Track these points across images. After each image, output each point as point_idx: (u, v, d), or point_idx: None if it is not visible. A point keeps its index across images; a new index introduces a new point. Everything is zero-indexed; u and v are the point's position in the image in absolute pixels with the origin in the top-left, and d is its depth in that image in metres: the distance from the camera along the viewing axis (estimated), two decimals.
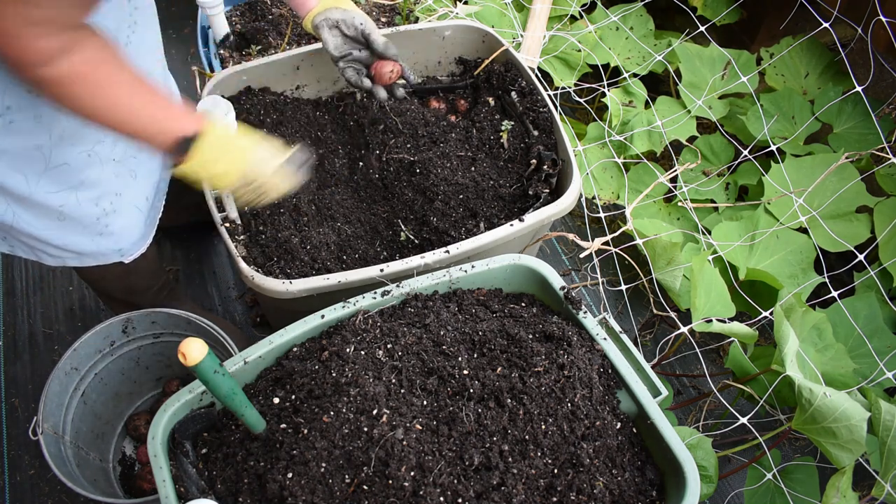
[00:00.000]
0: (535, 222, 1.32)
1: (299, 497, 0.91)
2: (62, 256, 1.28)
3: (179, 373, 1.64)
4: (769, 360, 1.41)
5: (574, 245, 2.03)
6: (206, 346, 0.82)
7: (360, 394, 0.97)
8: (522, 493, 0.93)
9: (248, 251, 1.31)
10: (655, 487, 1.03)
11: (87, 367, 1.43)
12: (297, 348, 1.10)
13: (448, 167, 1.48)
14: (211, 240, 2.01)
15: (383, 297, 1.14)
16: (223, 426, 1.05)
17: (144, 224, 1.36)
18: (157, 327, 1.49)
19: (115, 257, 1.34)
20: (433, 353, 1.06)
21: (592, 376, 1.04)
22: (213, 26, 1.84)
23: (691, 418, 1.71)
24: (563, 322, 1.12)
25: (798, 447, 1.70)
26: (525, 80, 1.57)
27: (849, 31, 1.84)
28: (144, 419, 1.58)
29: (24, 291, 1.90)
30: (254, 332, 1.84)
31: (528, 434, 0.97)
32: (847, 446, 1.18)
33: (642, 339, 1.84)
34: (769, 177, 1.74)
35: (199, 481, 0.98)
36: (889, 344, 1.53)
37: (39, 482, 1.60)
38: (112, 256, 1.33)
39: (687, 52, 1.98)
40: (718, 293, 1.45)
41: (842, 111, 1.88)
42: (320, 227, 1.41)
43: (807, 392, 1.19)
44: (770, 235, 1.67)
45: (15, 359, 1.78)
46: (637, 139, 1.90)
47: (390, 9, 2.02)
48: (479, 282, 1.20)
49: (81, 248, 1.27)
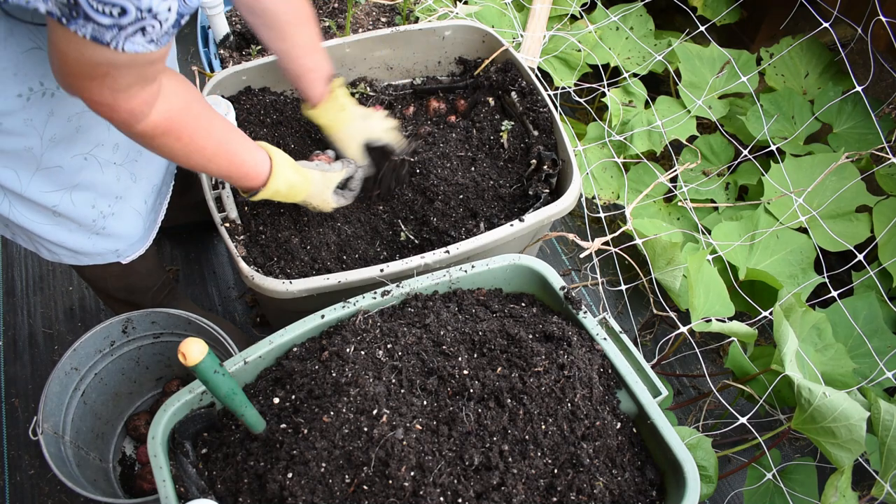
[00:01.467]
0: (535, 222, 1.32)
1: (299, 497, 0.91)
2: (58, 253, 1.28)
3: (179, 373, 1.64)
4: (769, 359, 1.41)
5: (574, 245, 2.03)
6: (206, 346, 0.82)
7: (360, 394, 0.97)
8: (522, 493, 0.93)
9: (248, 251, 1.31)
10: (655, 487, 1.03)
11: (87, 367, 1.43)
12: (297, 348, 1.10)
13: (448, 167, 1.48)
14: (211, 240, 2.01)
15: (383, 297, 1.14)
16: (223, 426, 1.05)
17: (143, 226, 1.36)
18: (157, 327, 1.49)
19: (112, 258, 1.34)
20: (433, 353, 1.06)
21: (592, 376, 1.04)
22: (213, 26, 1.84)
23: (691, 418, 1.71)
24: (563, 322, 1.12)
25: (798, 447, 1.70)
26: (525, 80, 1.57)
27: (849, 31, 1.85)
28: (144, 419, 1.58)
29: (24, 291, 1.90)
30: (254, 332, 1.84)
31: (528, 434, 0.97)
32: (846, 446, 1.18)
33: (642, 339, 1.84)
34: (769, 177, 1.74)
35: (199, 481, 0.98)
36: (889, 344, 1.53)
37: (39, 482, 1.60)
38: (108, 256, 1.33)
39: (687, 52, 1.98)
40: (717, 293, 1.45)
41: (842, 111, 1.88)
42: (320, 227, 1.41)
43: (806, 392, 1.19)
44: (770, 235, 1.67)
45: (15, 359, 1.78)
46: (637, 139, 1.90)
47: (390, 9, 2.02)
48: (479, 282, 1.20)
49: (77, 246, 1.27)
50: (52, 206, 1.16)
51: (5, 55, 0.95)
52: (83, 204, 1.20)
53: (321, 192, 1.31)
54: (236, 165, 1.14)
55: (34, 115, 1.03)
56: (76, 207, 1.19)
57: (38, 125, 1.05)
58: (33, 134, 1.05)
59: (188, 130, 1.02)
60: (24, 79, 0.99)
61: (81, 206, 1.20)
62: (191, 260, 1.97)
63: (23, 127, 1.03)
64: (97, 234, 1.27)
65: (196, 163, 1.07)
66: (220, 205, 1.36)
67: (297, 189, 1.25)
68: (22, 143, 1.05)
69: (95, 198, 1.21)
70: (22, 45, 0.96)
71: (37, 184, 1.11)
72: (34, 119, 1.04)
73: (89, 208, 1.21)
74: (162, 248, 1.98)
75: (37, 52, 0.98)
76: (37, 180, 1.11)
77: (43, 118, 1.05)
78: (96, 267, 1.35)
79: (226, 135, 1.10)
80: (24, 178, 1.10)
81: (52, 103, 1.04)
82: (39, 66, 1.00)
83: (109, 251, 1.32)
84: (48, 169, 1.11)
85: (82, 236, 1.26)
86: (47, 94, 1.03)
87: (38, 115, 1.04)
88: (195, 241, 2.00)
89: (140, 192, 1.31)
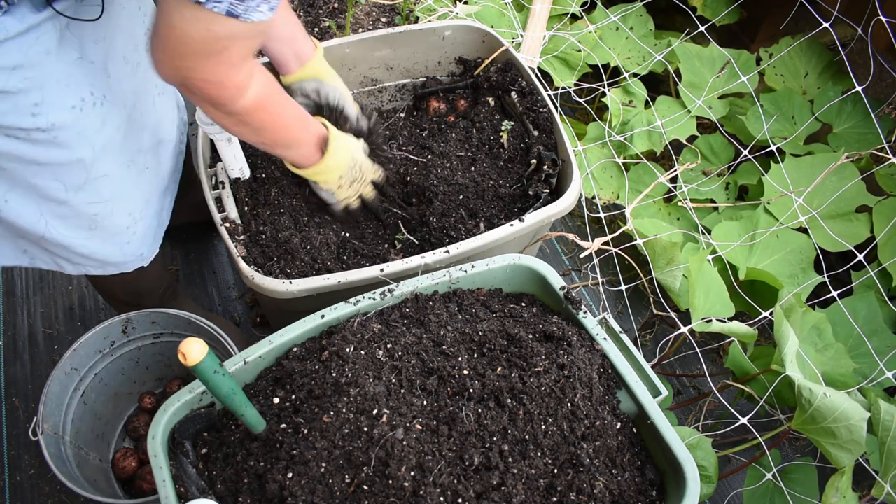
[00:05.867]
0: (535, 222, 1.32)
1: (299, 497, 0.91)
2: (85, 265, 1.27)
3: (180, 373, 1.64)
4: (769, 360, 1.41)
5: (574, 245, 2.03)
6: (206, 346, 0.82)
7: (360, 394, 0.97)
8: (522, 493, 0.93)
9: (248, 251, 1.31)
10: (655, 487, 1.03)
11: (87, 368, 1.43)
12: (297, 348, 1.10)
13: (448, 167, 1.48)
14: (211, 240, 2.01)
15: (383, 297, 1.14)
16: (223, 426, 1.05)
17: (157, 226, 1.36)
18: (156, 327, 1.49)
19: (138, 263, 1.33)
20: (433, 353, 1.06)
21: (592, 376, 1.04)
22: None
23: (691, 418, 1.71)
24: (563, 322, 1.12)
25: (798, 447, 1.70)
26: (525, 80, 1.57)
27: (849, 31, 1.84)
28: (144, 419, 1.58)
29: (24, 291, 1.90)
30: (254, 332, 1.83)
31: (528, 434, 0.97)
32: (846, 446, 1.18)
33: (642, 339, 1.84)
34: (769, 177, 1.74)
35: (199, 481, 0.98)
36: (889, 344, 1.53)
37: (39, 482, 1.60)
38: (135, 263, 1.33)
39: (687, 52, 1.98)
40: (717, 293, 1.45)
41: (841, 111, 1.88)
42: (320, 227, 1.41)
43: (806, 392, 1.19)
44: (770, 235, 1.67)
45: (15, 359, 1.78)
46: (637, 139, 1.90)
47: (390, 9, 2.02)
48: (479, 282, 1.20)
49: (107, 256, 1.26)
50: (92, 215, 1.16)
51: (58, 66, 0.96)
52: (121, 212, 1.20)
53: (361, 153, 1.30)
54: (307, 130, 1.16)
55: (87, 125, 1.04)
56: (115, 217, 1.19)
57: (91, 135, 1.05)
58: (86, 145, 1.05)
59: (272, 102, 1.04)
60: (76, 89, 1.00)
61: (119, 215, 1.20)
62: (191, 260, 1.97)
63: (77, 138, 1.03)
64: (128, 242, 1.27)
65: (276, 135, 1.09)
66: (220, 205, 1.36)
67: (349, 149, 1.25)
68: (75, 154, 1.05)
69: (132, 205, 1.22)
70: (70, 55, 0.97)
71: (83, 196, 1.11)
72: (87, 129, 1.04)
73: (126, 216, 1.22)
74: (162, 249, 1.97)
75: (81, 63, 0.99)
76: (83, 193, 1.11)
77: (96, 127, 1.05)
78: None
79: (293, 104, 1.12)
80: (72, 190, 1.10)
81: (102, 112, 1.05)
82: (87, 76, 1.01)
83: (136, 257, 1.32)
84: (96, 179, 1.11)
85: (114, 246, 1.25)
86: (97, 104, 1.04)
87: (90, 125, 1.04)
88: (195, 241, 2.00)
89: (157, 192, 1.32)
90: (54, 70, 0.95)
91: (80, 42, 0.99)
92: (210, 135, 1.29)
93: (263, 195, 1.39)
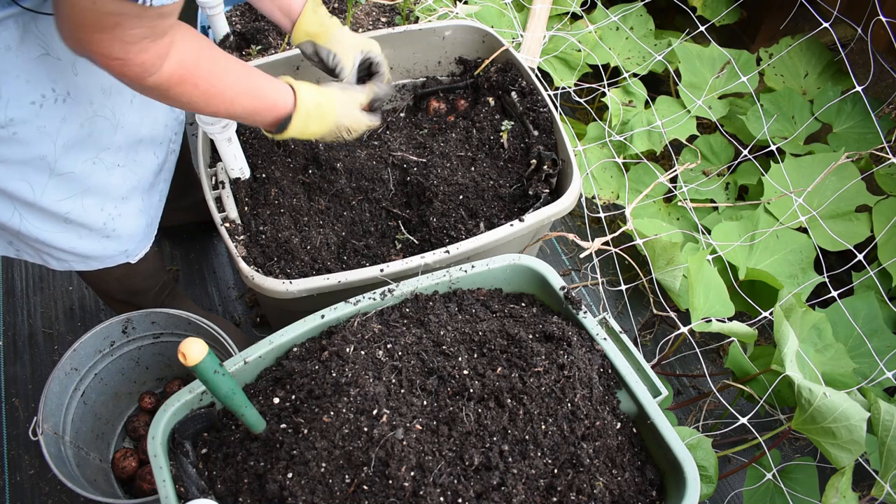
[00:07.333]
0: (535, 222, 1.32)
1: (299, 497, 0.91)
2: (68, 260, 1.28)
3: (180, 373, 1.64)
4: (769, 359, 1.41)
5: (574, 245, 2.03)
6: (206, 346, 0.82)
7: (360, 394, 0.97)
8: (522, 493, 0.93)
9: (248, 251, 1.31)
10: (655, 487, 1.03)
11: (87, 368, 1.43)
12: (297, 348, 1.10)
13: (448, 167, 1.48)
14: (211, 240, 2.01)
15: (383, 297, 1.14)
16: (223, 426, 1.05)
17: (146, 223, 1.36)
18: (156, 327, 1.49)
19: (122, 259, 1.34)
20: (433, 353, 1.06)
21: (592, 376, 1.04)
22: (213, 26, 1.84)
23: (691, 418, 1.71)
24: (563, 322, 1.12)
25: (798, 447, 1.70)
26: (525, 80, 1.57)
27: (849, 31, 1.85)
28: (144, 419, 1.58)
29: (24, 291, 1.90)
30: (254, 332, 1.84)
31: (528, 434, 0.97)
32: (846, 446, 1.18)
33: (642, 339, 1.84)
34: (769, 176, 1.74)
35: (199, 481, 0.98)
36: (889, 344, 1.53)
37: (39, 482, 1.60)
38: (118, 258, 1.33)
39: (687, 52, 1.98)
40: (717, 293, 1.45)
41: (841, 111, 1.88)
42: (320, 227, 1.41)
43: (806, 392, 1.19)
44: (770, 235, 1.67)
45: (15, 359, 1.78)
46: (637, 139, 1.90)
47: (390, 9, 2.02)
48: (479, 282, 1.20)
49: (88, 251, 1.27)
50: (64, 214, 1.16)
51: (18, 62, 0.95)
52: (93, 208, 1.20)
53: (349, 111, 1.23)
54: (260, 98, 1.10)
55: (47, 122, 1.03)
56: (87, 212, 1.19)
57: (52, 132, 1.05)
58: (47, 141, 1.05)
59: (203, 75, 0.99)
60: (36, 85, 0.99)
61: (92, 211, 1.20)
62: (191, 260, 1.97)
63: (37, 135, 1.03)
64: (107, 237, 1.27)
65: (218, 107, 1.05)
66: (220, 205, 1.36)
67: (324, 108, 1.18)
68: (36, 151, 1.05)
69: (104, 201, 1.21)
70: (32, 52, 0.96)
71: (50, 193, 1.11)
72: (47, 126, 1.03)
73: (99, 211, 1.21)
74: (162, 248, 1.98)
75: (46, 59, 0.99)
76: (50, 189, 1.11)
77: (56, 125, 1.05)
78: (99, 270, 1.35)
79: (244, 72, 1.07)
80: (38, 188, 1.09)
81: (64, 109, 1.04)
82: (50, 72, 1.00)
83: (119, 252, 1.32)
84: (61, 176, 1.11)
85: (93, 241, 1.25)
86: (59, 101, 1.03)
87: (51, 122, 1.04)
88: (195, 241, 2.00)
89: (142, 189, 1.31)
90: (13, 66, 0.95)
91: (46, 38, 0.98)
92: (210, 135, 1.29)
93: (263, 195, 1.39)
